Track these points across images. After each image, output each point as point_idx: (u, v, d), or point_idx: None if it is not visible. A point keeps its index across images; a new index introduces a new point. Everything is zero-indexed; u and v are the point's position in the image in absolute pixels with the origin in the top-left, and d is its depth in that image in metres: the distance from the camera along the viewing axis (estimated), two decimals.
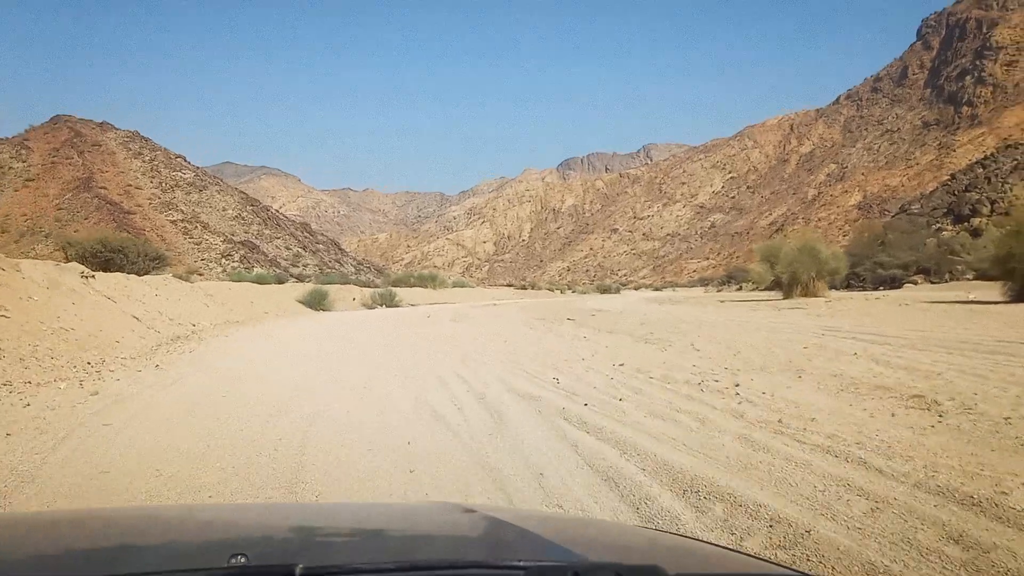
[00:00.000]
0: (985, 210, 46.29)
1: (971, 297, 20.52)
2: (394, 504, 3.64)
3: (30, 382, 8.01)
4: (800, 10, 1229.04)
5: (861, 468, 4.22)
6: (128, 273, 20.50)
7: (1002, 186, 51.75)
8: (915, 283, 40.54)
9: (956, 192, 57.42)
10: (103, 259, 23.18)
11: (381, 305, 33.50)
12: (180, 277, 25.50)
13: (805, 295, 25.74)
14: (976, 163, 64.98)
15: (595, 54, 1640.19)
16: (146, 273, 23.03)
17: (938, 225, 48.30)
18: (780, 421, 5.54)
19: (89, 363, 9.81)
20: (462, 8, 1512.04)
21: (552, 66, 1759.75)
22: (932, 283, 39.94)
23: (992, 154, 63.69)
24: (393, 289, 35.70)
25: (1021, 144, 60.93)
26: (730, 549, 1.84)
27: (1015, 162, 57.30)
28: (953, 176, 65.63)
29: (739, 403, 6.37)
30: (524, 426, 5.83)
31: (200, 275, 55.80)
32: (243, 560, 1.15)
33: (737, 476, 4.18)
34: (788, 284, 27.18)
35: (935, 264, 41.33)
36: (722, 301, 33.31)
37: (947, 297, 22.78)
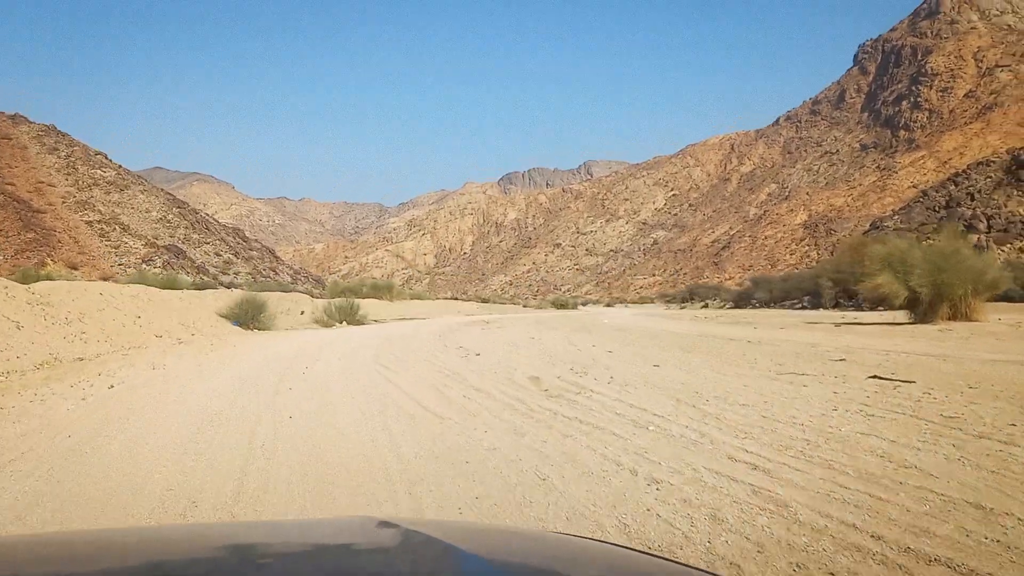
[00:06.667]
0: (982, 226, 43.96)
1: None
2: (309, 520, 3.28)
3: None
4: (740, 33, 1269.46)
5: None
6: None
7: (988, 202, 49.93)
8: None
9: (935, 208, 55.53)
10: None
11: (341, 322, 27.37)
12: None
13: (953, 318, 19.44)
14: (948, 180, 63.72)
15: (536, 71, 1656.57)
16: None
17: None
18: None
19: None
20: (404, 23, 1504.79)
21: (492, 81, 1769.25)
22: None
23: (963, 171, 62.50)
24: (355, 300, 29.36)
25: (993, 162, 59.73)
26: (659, 557, 1.60)
27: (988, 179, 55.89)
28: (925, 192, 64.14)
29: None
30: None
31: (116, 282, 48.65)
32: None
33: None
34: (930, 302, 20.05)
35: None
36: (836, 325, 21.93)
37: None
